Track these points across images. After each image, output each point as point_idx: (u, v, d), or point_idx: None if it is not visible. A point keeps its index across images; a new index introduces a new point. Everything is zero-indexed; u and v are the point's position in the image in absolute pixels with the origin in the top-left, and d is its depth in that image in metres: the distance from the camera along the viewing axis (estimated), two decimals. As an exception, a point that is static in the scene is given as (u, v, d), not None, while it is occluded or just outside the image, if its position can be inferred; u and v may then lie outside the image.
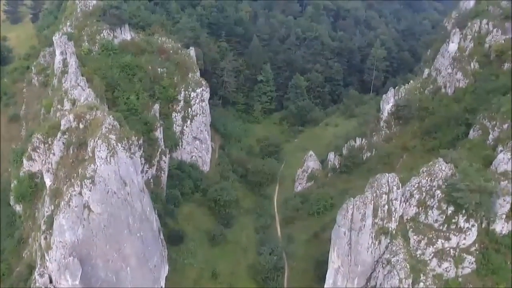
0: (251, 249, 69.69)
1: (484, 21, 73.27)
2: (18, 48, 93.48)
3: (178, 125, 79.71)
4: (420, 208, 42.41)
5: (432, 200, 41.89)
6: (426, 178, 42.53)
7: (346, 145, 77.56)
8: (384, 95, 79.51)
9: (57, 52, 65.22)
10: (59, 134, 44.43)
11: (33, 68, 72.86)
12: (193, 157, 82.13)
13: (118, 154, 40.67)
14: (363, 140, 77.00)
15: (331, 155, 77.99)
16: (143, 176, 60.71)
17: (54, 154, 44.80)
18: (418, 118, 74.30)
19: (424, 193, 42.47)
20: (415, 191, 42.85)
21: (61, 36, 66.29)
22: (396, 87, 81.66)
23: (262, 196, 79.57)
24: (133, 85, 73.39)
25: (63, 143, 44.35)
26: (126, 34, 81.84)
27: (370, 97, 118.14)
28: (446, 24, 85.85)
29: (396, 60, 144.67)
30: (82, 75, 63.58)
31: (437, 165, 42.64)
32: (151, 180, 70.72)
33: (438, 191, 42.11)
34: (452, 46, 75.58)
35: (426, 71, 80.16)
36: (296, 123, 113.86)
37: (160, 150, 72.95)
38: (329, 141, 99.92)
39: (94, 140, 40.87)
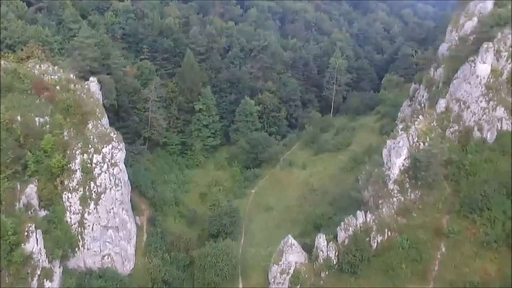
0: None
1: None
2: None
3: (74, 213, 48.52)
4: None
5: None
6: None
7: (343, 223, 50.93)
8: (388, 142, 54.10)
9: None
10: None
11: None
12: (106, 257, 51.31)
13: None
14: (368, 214, 50.91)
15: (321, 240, 50.81)
16: None
17: None
18: (446, 178, 49.94)
19: None
20: None
21: None
22: (402, 125, 56.82)
23: (219, 312, 50.88)
24: (-21, 160, 41.46)
25: None
26: (-26, 64, 49.22)
27: (342, 126, 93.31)
28: (454, 33, 62.78)
29: (355, 70, 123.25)
30: None
31: None
32: (21, 336, 39.40)
33: None
34: (484, 68, 52.27)
35: (442, 102, 56.10)
36: (250, 163, 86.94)
37: (39, 271, 41.64)
38: (300, 194, 73.89)
39: None
